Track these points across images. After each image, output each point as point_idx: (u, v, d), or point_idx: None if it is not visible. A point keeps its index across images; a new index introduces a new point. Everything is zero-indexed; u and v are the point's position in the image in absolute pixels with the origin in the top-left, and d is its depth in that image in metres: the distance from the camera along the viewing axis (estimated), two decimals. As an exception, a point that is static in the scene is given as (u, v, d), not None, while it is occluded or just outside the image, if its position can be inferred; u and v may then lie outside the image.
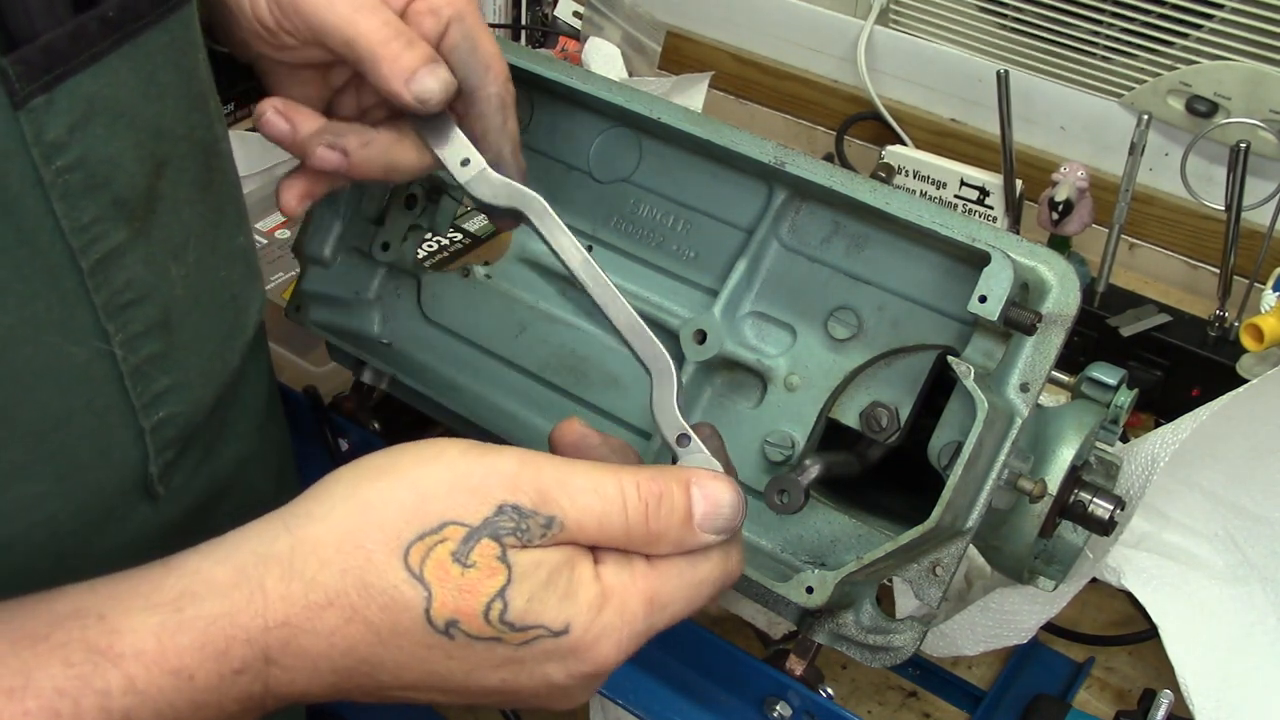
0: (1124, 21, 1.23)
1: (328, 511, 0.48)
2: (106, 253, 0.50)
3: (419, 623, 0.47)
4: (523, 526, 0.48)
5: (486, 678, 0.49)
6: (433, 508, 0.47)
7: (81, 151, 0.47)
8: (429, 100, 0.60)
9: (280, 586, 0.46)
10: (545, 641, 0.48)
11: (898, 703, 0.91)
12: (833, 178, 0.68)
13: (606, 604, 0.49)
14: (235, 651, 0.45)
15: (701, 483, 0.51)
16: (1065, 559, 0.74)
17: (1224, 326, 1.06)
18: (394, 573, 0.46)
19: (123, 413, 0.54)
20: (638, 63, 1.50)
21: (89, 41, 0.47)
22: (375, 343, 0.84)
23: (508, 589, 0.47)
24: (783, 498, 0.64)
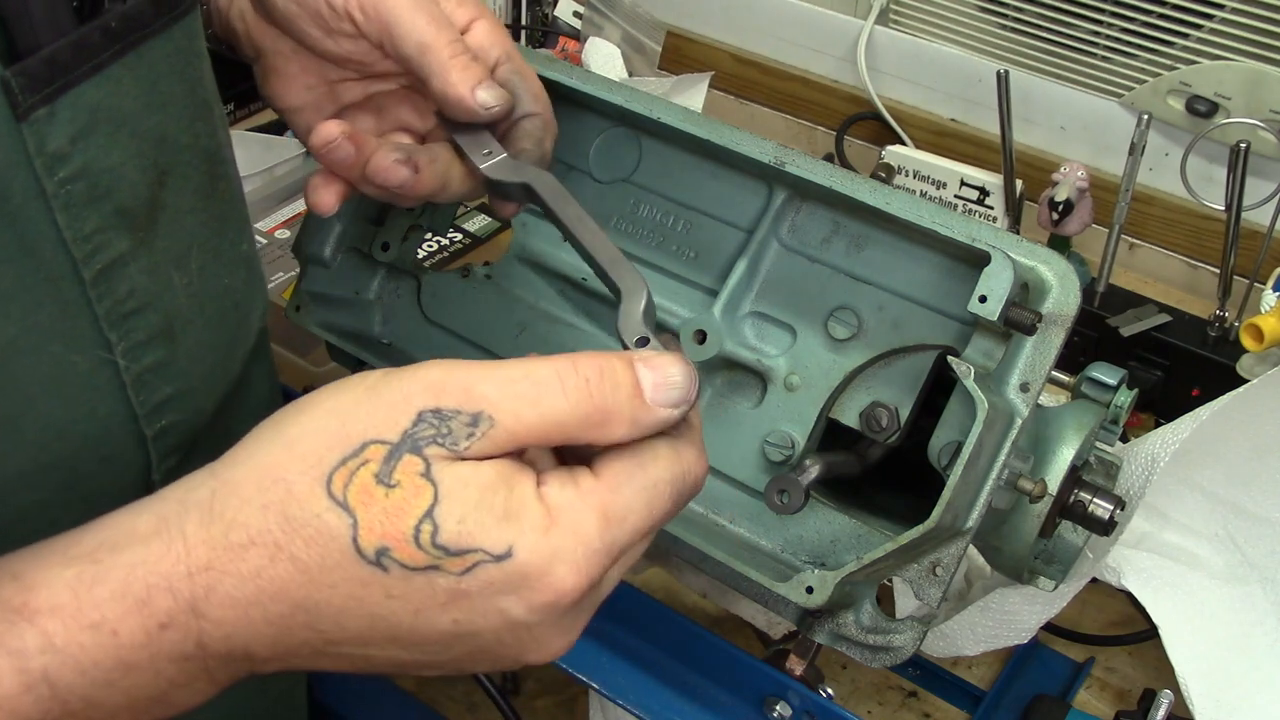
0: (1124, 21, 1.23)
1: (251, 453, 0.45)
2: (109, 262, 0.50)
3: (348, 554, 0.43)
4: (444, 430, 0.44)
5: (436, 619, 0.45)
6: (353, 429, 0.44)
7: (84, 162, 0.48)
8: (492, 107, 0.62)
9: (201, 530, 0.44)
10: (488, 568, 0.44)
11: (898, 703, 0.91)
12: (833, 178, 0.68)
13: (554, 524, 0.45)
14: (158, 602, 0.43)
15: (645, 358, 0.48)
16: (1065, 559, 0.74)
17: (1224, 326, 1.06)
18: (316, 501, 0.43)
19: (125, 421, 0.54)
20: (638, 63, 1.50)
21: (91, 52, 0.47)
22: (375, 343, 0.84)
23: (436, 508, 0.43)
24: (783, 498, 0.64)
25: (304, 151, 1.30)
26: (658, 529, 0.49)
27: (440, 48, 0.61)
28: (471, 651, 0.46)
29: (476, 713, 0.95)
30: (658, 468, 0.48)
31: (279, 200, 1.26)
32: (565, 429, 0.46)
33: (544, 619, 0.45)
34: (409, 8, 0.61)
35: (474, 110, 0.62)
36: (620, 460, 0.47)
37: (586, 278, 0.77)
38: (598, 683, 0.74)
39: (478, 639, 0.46)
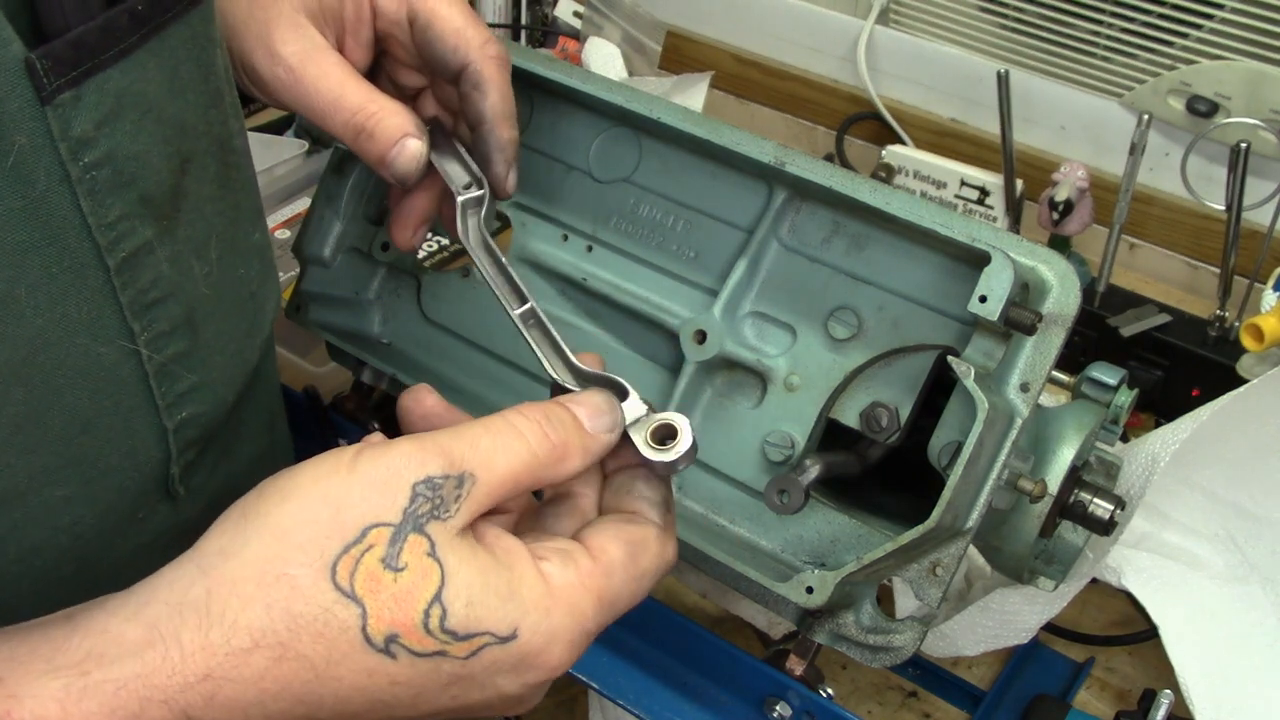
0: (1124, 21, 1.23)
1: (242, 546, 0.44)
2: (133, 250, 0.50)
3: (357, 645, 0.43)
4: (439, 498, 0.45)
5: (436, 699, 0.45)
6: (350, 516, 0.44)
7: (109, 148, 0.47)
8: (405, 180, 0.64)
9: (198, 637, 0.42)
10: (493, 650, 0.45)
11: (898, 703, 0.91)
12: (833, 178, 0.68)
13: (555, 604, 0.46)
14: (150, 715, 0.41)
15: (574, 398, 0.52)
16: (1065, 559, 0.74)
17: (1224, 326, 1.06)
18: (323, 595, 0.43)
19: (148, 413, 0.54)
20: (638, 63, 1.50)
21: (118, 36, 0.46)
22: (375, 343, 0.84)
23: (444, 590, 0.44)
24: (783, 498, 0.64)
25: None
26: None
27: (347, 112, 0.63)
28: (453, 714, 0.47)
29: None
30: (648, 558, 0.50)
31: (279, 200, 1.26)
32: (533, 470, 0.48)
33: (534, 691, 0.47)
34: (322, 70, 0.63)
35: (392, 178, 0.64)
36: (617, 546, 0.49)
37: (586, 278, 0.77)
38: (598, 683, 0.74)
39: (467, 709, 0.47)
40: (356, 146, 0.64)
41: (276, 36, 0.62)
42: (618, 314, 0.77)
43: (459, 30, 0.65)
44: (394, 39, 0.67)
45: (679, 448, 0.52)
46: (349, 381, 0.89)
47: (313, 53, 0.63)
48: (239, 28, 0.63)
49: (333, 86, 0.63)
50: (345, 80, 0.63)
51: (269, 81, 0.63)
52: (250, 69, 0.63)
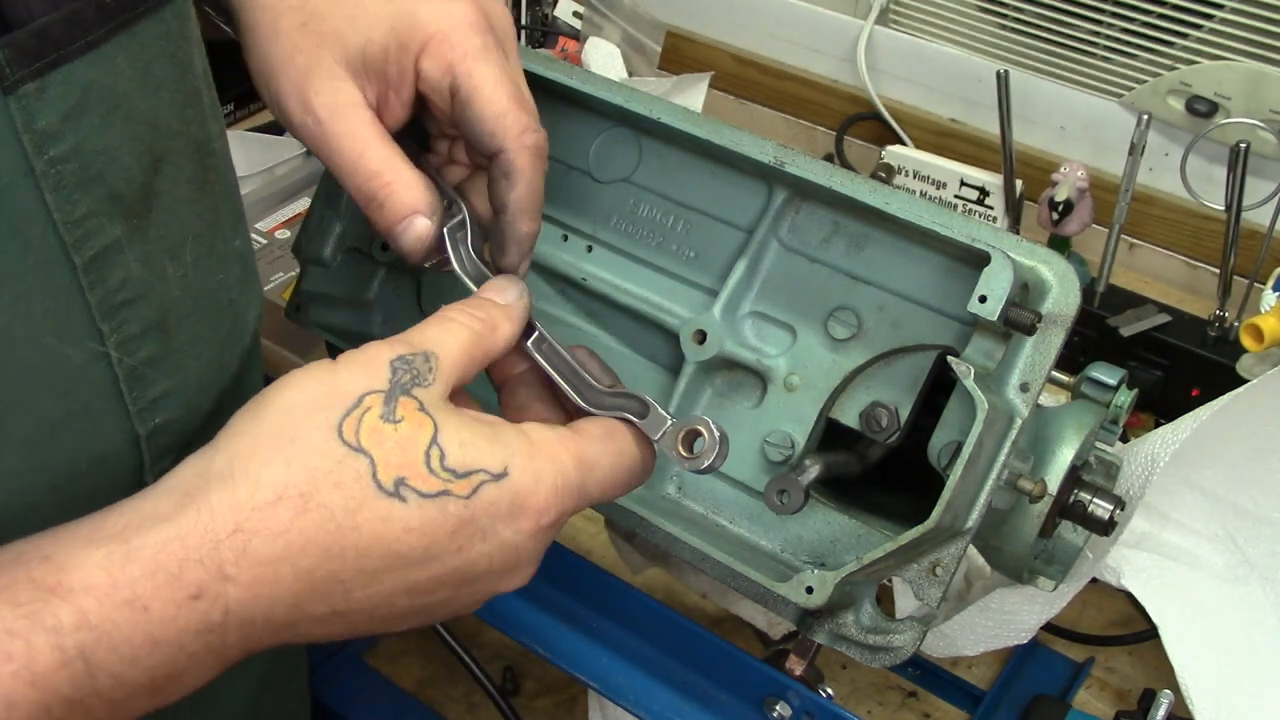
0: (1124, 21, 1.23)
1: (252, 425, 0.47)
2: (102, 249, 0.49)
3: (370, 491, 0.46)
4: (415, 369, 0.50)
5: (444, 550, 0.48)
6: (344, 387, 0.48)
7: (75, 142, 0.46)
8: (415, 256, 0.64)
9: (225, 496, 0.45)
10: (489, 487, 0.49)
11: (898, 703, 0.91)
12: (833, 178, 0.68)
13: (537, 451, 0.51)
14: (189, 575, 0.44)
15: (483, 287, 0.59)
16: (1065, 559, 0.74)
17: (1224, 326, 1.06)
18: (335, 449, 0.47)
19: (118, 418, 0.53)
20: (638, 63, 1.50)
21: (85, 28, 0.45)
22: (375, 343, 0.84)
23: (439, 435, 0.48)
24: (783, 498, 0.64)
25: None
26: (615, 494, 0.55)
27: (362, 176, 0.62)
28: (459, 586, 0.50)
29: (476, 713, 0.95)
30: (625, 440, 0.55)
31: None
32: (478, 344, 0.54)
33: (525, 541, 0.50)
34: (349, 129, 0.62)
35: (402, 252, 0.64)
36: (594, 424, 0.55)
37: (586, 278, 0.77)
38: (598, 683, 0.74)
39: (471, 570, 0.50)
40: (367, 213, 0.63)
41: (312, 86, 0.62)
42: (618, 314, 0.77)
43: (499, 116, 0.62)
44: (433, 103, 0.65)
45: (708, 449, 0.55)
46: (349, 381, 0.89)
47: (343, 107, 0.62)
48: (279, 69, 0.62)
49: (355, 147, 0.62)
50: (369, 142, 0.62)
51: (297, 127, 0.63)
52: (283, 110, 0.63)
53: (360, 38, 0.62)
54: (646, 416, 0.56)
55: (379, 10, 0.62)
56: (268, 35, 0.62)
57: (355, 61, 0.62)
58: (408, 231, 0.62)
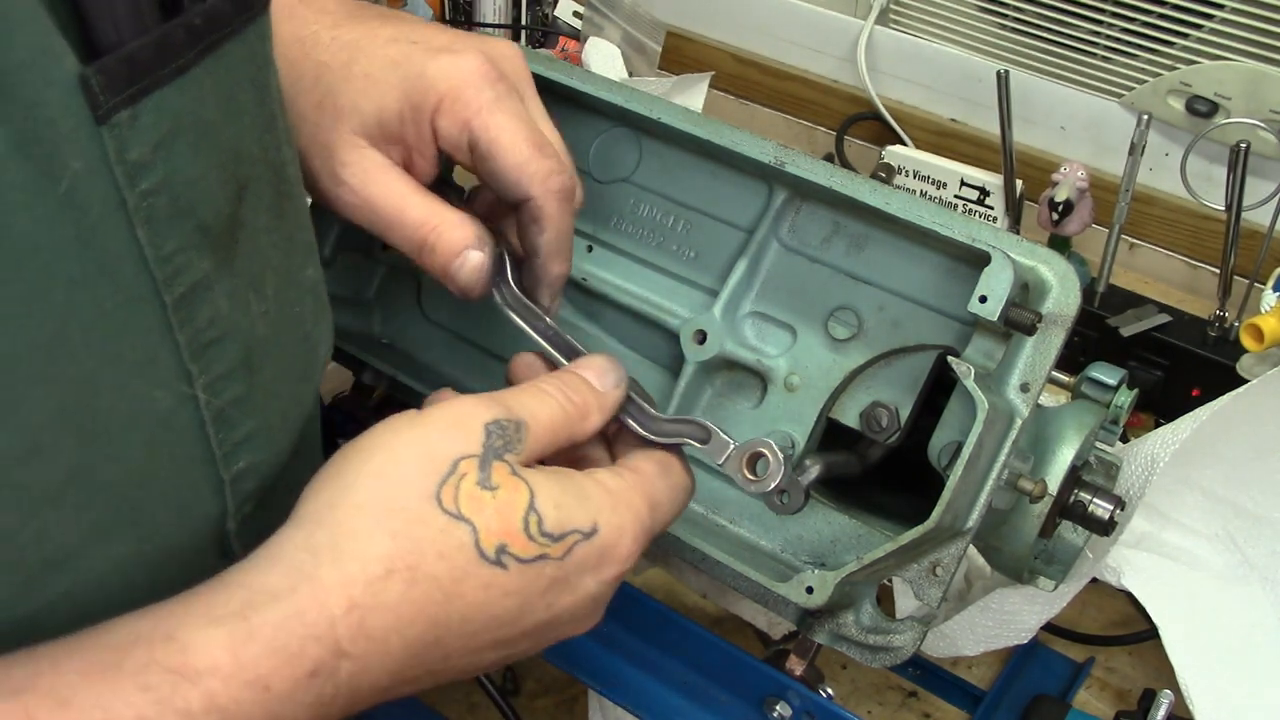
0: (1124, 21, 1.23)
1: (344, 496, 0.48)
2: (191, 285, 0.46)
3: (474, 560, 0.48)
4: (508, 435, 0.51)
5: (535, 609, 0.50)
6: (439, 453, 0.49)
7: (166, 173, 0.44)
8: (471, 293, 0.65)
9: (336, 573, 0.46)
10: (582, 546, 0.50)
11: (898, 703, 0.91)
12: (833, 178, 0.68)
13: (617, 501, 0.53)
14: (309, 652, 0.44)
15: (579, 364, 0.58)
16: (1065, 559, 0.74)
17: (1224, 326, 1.06)
18: (436, 518, 0.48)
19: (204, 464, 0.50)
20: (638, 63, 1.50)
21: (175, 52, 0.43)
22: (375, 343, 0.84)
23: (535, 500, 0.49)
24: (783, 498, 0.64)
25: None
26: (670, 524, 0.57)
27: (409, 227, 0.63)
28: (540, 636, 0.52)
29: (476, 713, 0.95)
30: (678, 473, 0.57)
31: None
32: (566, 424, 0.55)
33: (606, 590, 0.53)
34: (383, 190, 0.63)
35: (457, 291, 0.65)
36: (650, 462, 0.56)
37: (586, 278, 0.77)
38: (598, 683, 0.74)
39: (556, 621, 0.52)
40: (420, 260, 0.64)
41: (338, 159, 0.63)
42: (618, 314, 0.77)
43: (521, 164, 0.63)
44: (458, 159, 0.66)
45: (773, 471, 0.57)
46: (349, 381, 0.89)
47: (373, 171, 0.63)
48: (304, 151, 0.63)
49: (395, 203, 0.63)
50: (406, 195, 0.63)
51: (333, 201, 0.64)
52: (316, 188, 0.64)
53: (374, 107, 0.63)
54: (709, 442, 0.58)
55: (388, 78, 0.63)
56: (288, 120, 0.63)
57: (374, 130, 0.63)
58: (464, 267, 0.63)
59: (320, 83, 0.63)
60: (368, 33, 0.65)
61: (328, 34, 0.64)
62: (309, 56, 0.63)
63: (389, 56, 0.63)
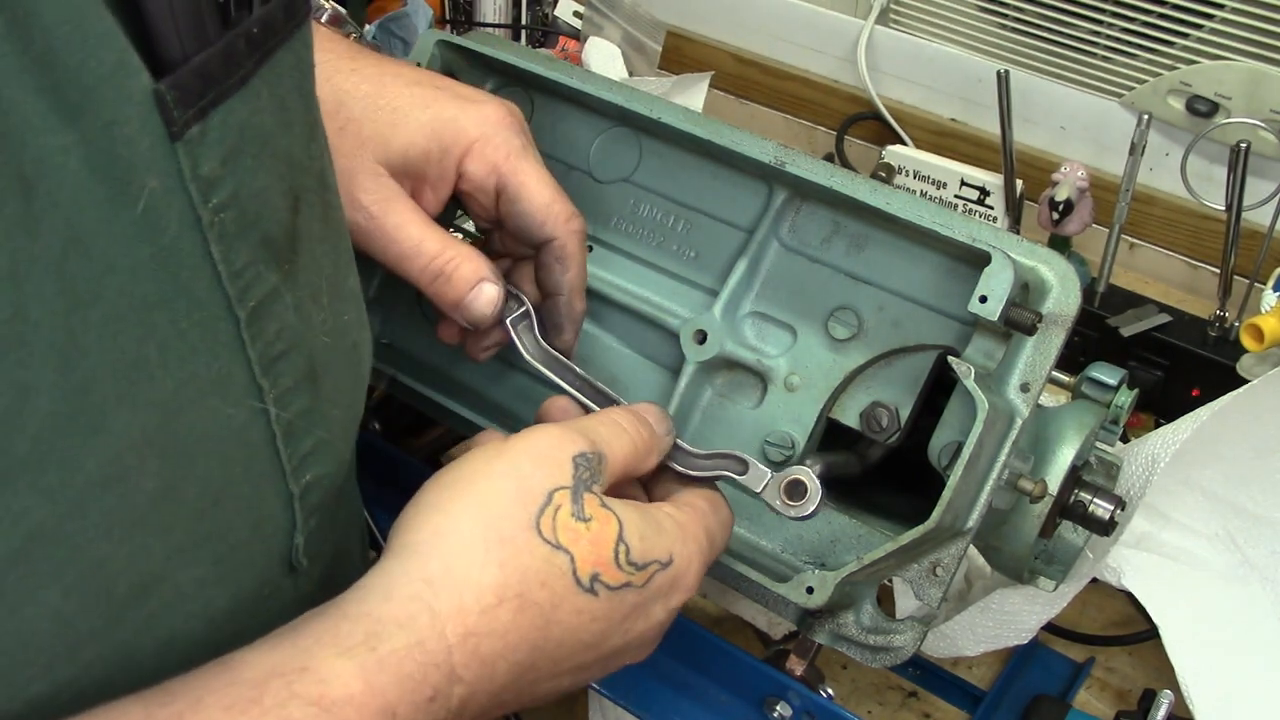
0: (1124, 21, 1.23)
1: (450, 526, 0.50)
2: (261, 298, 0.46)
3: (571, 588, 0.50)
4: (593, 467, 0.54)
5: (613, 635, 0.53)
6: (533, 485, 0.52)
7: (235, 187, 0.43)
8: (479, 324, 0.68)
9: (451, 602, 0.48)
10: (660, 576, 0.54)
11: (898, 703, 0.91)
12: (833, 178, 0.68)
13: (686, 534, 0.56)
14: (430, 679, 0.46)
15: (639, 409, 0.61)
16: (1065, 559, 0.74)
17: (1224, 326, 1.06)
18: (540, 547, 0.50)
19: (275, 479, 0.50)
20: (638, 63, 1.50)
21: (238, 62, 0.42)
22: (375, 343, 0.84)
23: (624, 531, 0.53)
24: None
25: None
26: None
27: (425, 258, 0.66)
28: (608, 661, 0.55)
29: None
30: (724, 508, 0.62)
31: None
32: (636, 458, 0.58)
33: (670, 617, 0.56)
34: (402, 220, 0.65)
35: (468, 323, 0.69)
36: (702, 499, 0.60)
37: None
38: (598, 683, 0.74)
39: (627, 646, 0.55)
40: (432, 291, 0.67)
41: (358, 184, 0.65)
42: (618, 314, 0.77)
43: (546, 206, 0.68)
44: (475, 200, 0.69)
45: (811, 496, 0.60)
46: (349, 381, 0.89)
47: (393, 201, 0.66)
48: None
49: (413, 233, 0.66)
50: (424, 227, 0.66)
51: (348, 226, 0.64)
52: None
53: (403, 141, 0.66)
54: (746, 473, 0.61)
55: (419, 116, 0.66)
56: None
57: (396, 163, 0.66)
58: (478, 298, 0.67)
59: (342, 109, 0.66)
60: (388, 71, 0.68)
61: (346, 64, 0.67)
62: (329, 81, 0.65)
63: (417, 95, 0.67)
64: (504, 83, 0.81)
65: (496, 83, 0.81)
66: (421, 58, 0.77)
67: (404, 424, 0.96)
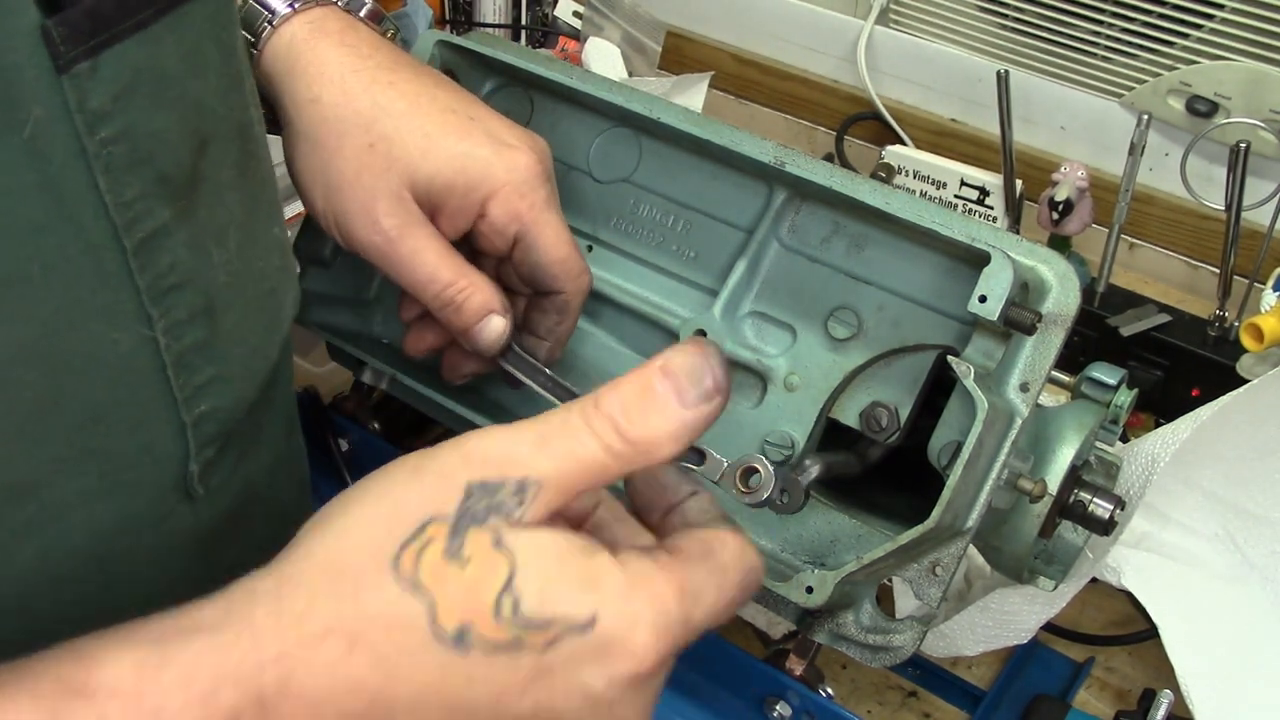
0: (1124, 21, 1.23)
1: (310, 550, 0.43)
2: (151, 232, 0.48)
3: (427, 639, 0.41)
4: (496, 502, 0.42)
5: (517, 704, 0.42)
6: (407, 511, 0.42)
7: (126, 123, 0.45)
8: (491, 351, 0.69)
9: (271, 619, 0.41)
10: (572, 639, 0.41)
11: (898, 703, 0.91)
12: (833, 178, 0.68)
13: (634, 591, 0.42)
14: (224, 696, 0.40)
15: (663, 365, 0.43)
16: (1065, 559, 0.74)
17: (1224, 326, 1.06)
18: (388, 588, 0.41)
19: (165, 405, 0.52)
20: (638, 63, 1.50)
21: (134, 8, 0.45)
22: (375, 343, 0.84)
23: (514, 578, 0.41)
24: (783, 498, 0.64)
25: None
26: (725, 618, 0.46)
27: (439, 285, 0.67)
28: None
29: (476, 713, 0.95)
30: (727, 554, 0.46)
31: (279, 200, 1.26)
32: (609, 471, 0.44)
33: (623, 694, 0.43)
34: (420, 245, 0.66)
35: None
36: (691, 540, 0.46)
37: (586, 278, 0.77)
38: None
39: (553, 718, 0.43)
40: (442, 317, 0.68)
41: (380, 207, 0.66)
42: (618, 314, 0.77)
43: (561, 261, 0.69)
44: (489, 239, 0.69)
45: (764, 483, 0.58)
46: (349, 381, 0.89)
47: (411, 226, 0.66)
48: (342, 185, 0.66)
49: (430, 259, 0.67)
50: (441, 254, 0.67)
51: (364, 245, 0.67)
52: (346, 227, 0.67)
53: (430, 170, 0.66)
54: (704, 463, 0.59)
55: (452, 148, 0.67)
56: (330, 150, 0.67)
57: (420, 189, 0.67)
58: (486, 329, 0.68)
59: (376, 125, 0.66)
60: (425, 91, 0.68)
61: (385, 76, 0.68)
62: (367, 92, 0.67)
63: (451, 125, 0.68)
64: (504, 83, 0.81)
65: (496, 83, 0.81)
66: (421, 58, 0.77)
67: (404, 423, 0.96)
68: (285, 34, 0.67)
